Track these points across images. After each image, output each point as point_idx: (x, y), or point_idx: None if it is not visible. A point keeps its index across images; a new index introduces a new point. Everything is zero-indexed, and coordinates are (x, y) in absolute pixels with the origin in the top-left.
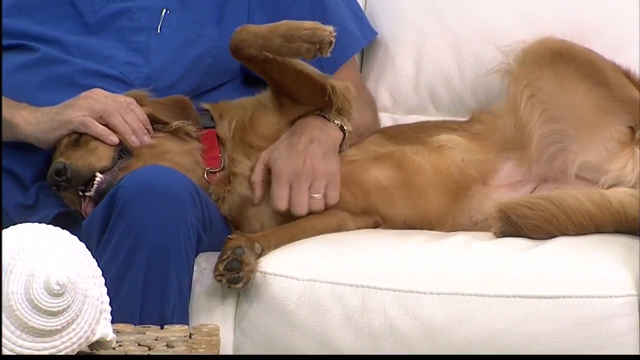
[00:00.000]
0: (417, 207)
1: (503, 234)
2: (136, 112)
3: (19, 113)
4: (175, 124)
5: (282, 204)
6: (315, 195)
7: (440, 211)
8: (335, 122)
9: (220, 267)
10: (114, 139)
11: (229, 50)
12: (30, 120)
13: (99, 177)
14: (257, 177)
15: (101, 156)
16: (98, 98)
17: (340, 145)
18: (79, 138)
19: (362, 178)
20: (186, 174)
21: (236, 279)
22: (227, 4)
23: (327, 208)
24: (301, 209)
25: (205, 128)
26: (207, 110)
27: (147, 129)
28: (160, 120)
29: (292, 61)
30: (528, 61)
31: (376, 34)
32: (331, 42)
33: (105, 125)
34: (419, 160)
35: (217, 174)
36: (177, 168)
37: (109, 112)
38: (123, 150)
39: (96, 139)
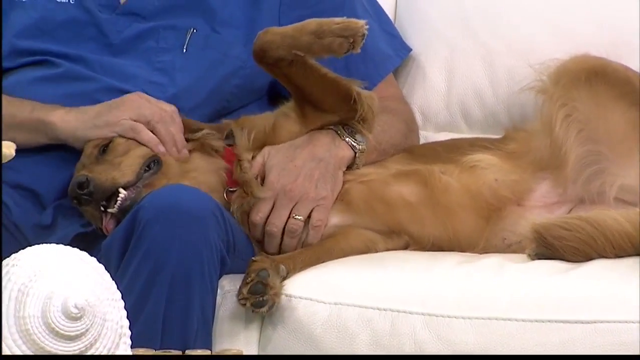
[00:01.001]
0: (446, 227)
1: (538, 256)
2: (177, 122)
3: (53, 112)
4: (203, 132)
5: (257, 217)
6: (296, 217)
7: (471, 232)
8: (346, 139)
9: (244, 291)
10: (162, 148)
11: (253, 55)
12: (67, 119)
13: (122, 193)
14: (255, 170)
15: (125, 171)
16: (144, 103)
17: (352, 165)
18: (106, 149)
19: (384, 193)
20: (210, 194)
21: (261, 303)
22: (255, 23)
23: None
24: (274, 227)
25: (230, 146)
26: (229, 128)
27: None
28: (192, 130)
29: (317, 65)
30: (563, 80)
31: (410, 50)
32: (364, 35)
33: (151, 131)
34: (446, 179)
35: (236, 192)
36: (201, 187)
37: (157, 118)
38: (150, 165)
39: (122, 151)
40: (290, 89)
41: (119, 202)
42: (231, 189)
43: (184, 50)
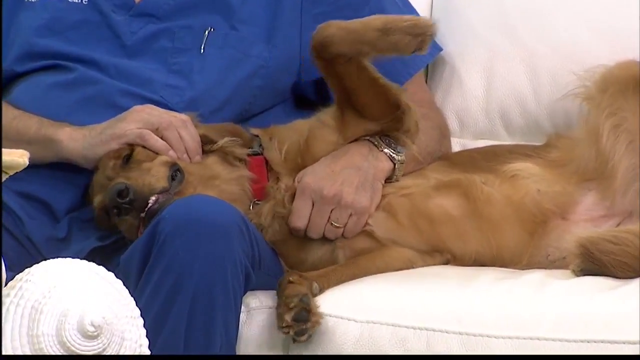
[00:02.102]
0: (490, 242)
1: (583, 271)
2: (190, 130)
3: (61, 130)
4: (224, 141)
5: (299, 221)
6: (335, 224)
7: (515, 247)
8: (385, 151)
9: (288, 318)
10: (173, 154)
11: (311, 49)
12: (75, 137)
13: (153, 196)
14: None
15: (158, 176)
16: (152, 112)
17: (391, 177)
18: (129, 158)
19: (426, 208)
20: (233, 204)
21: (303, 331)
22: (277, 20)
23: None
24: (314, 233)
25: (255, 155)
26: (256, 135)
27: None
28: (213, 140)
29: (372, 67)
30: (611, 88)
31: (441, 49)
32: (433, 34)
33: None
34: (488, 190)
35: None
36: (225, 196)
37: (166, 124)
38: (175, 170)
39: (146, 159)
40: (337, 91)
41: (149, 205)
42: (258, 202)
43: (202, 51)
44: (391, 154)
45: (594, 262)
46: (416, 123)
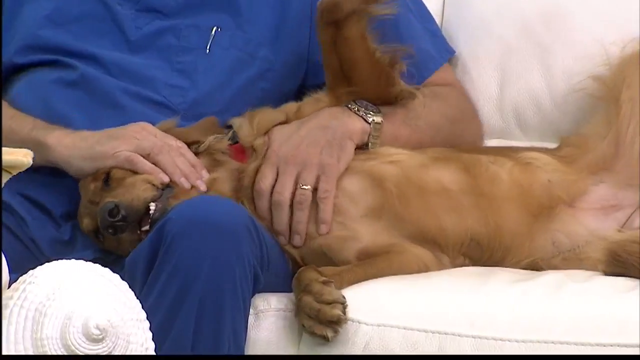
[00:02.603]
0: (488, 220)
1: (607, 274)
2: (187, 156)
3: (51, 134)
4: (210, 140)
5: (263, 184)
6: (303, 186)
7: (516, 230)
8: (359, 112)
9: (339, 312)
10: (164, 177)
11: (322, 10)
12: (65, 143)
13: (152, 205)
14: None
15: (145, 187)
16: (147, 136)
17: (367, 141)
18: (107, 179)
19: (419, 177)
20: (232, 198)
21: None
22: (285, 22)
23: (316, 201)
24: (280, 195)
25: (234, 143)
26: (230, 126)
27: (200, 174)
28: (199, 141)
29: (372, 38)
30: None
31: (454, 53)
32: None
33: (154, 164)
34: (495, 169)
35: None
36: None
37: (157, 149)
38: (162, 184)
39: (126, 176)
40: (336, 62)
41: (150, 214)
42: None
43: (207, 51)
44: (365, 114)
45: (619, 265)
46: (421, 103)
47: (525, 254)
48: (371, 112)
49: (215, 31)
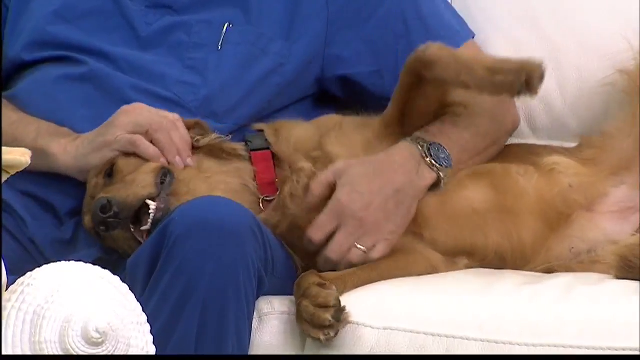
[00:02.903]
0: (512, 236)
1: (619, 279)
2: (181, 131)
3: (57, 142)
4: (210, 138)
5: (316, 235)
6: (359, 246)
7: (536, 241)
8: (432, 165)
9: (329, 316)
10: (164, 161)
11: (415, 60)
12: (69, 150)
13: (152, 205)
14: (318, 187)
15: (144, 185)
16: (141, 112)
17: (438, 188)
18: (110, 172)
19: (452, 203)
20: (232, 197)
21: (337, 332)
22: (297, 16)
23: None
24: (334, 253)
25: (260, 150)
26: (261, 130)
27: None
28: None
29: (447, 96)
30: None
31: (474, 35)
32: (542, 76)
33: (151, 142)
34: (524, 184)
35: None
36: (222, 188)
37: (156, 126)
38: (164, 175)
39: (129, 170)
40: (401, 103)
41: (151, 215)
42: (268, 198)
43: (219, 48)
44: (438, 169)
45: (630, 269)
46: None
47: (542, 261)
48: (444, 164)
49: (227, 27)
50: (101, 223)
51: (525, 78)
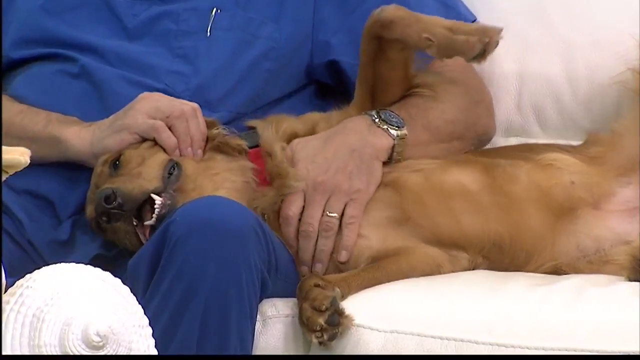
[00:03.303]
0: (509, 221)
1: (631, 280)
2: (200, 120)
3: (69, 128)
4: (218, 131)
5: (290, 210)
6: (330, 214)
7: (538, 232)
8: (383, 127)
9: (322, 321)
10: (177, 153)
11: (373, 23)
12: (83, 135)
13: (158, 200)
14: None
15: (150, 178)
16: (161, 99)
17: (391, 156)
18: (117, 163)
19: (439, 180)
20: (237, 195)
21: (334, 335)
22: None
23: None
24: (310, 226)
25: (254, 147)
26: (253, 127)
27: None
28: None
29: (412, 64)
30: None
31: (473, 20)
32: (497, 42)
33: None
34: (513, 170)
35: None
36: (227, 186)
37: (177, 113)
38: (172, 168)
39: (136, 161)
40: (370, 77)
41: (156, 210)
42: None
43: (208, 34)
44: (389, 129)
45: None
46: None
47: (548, 258)
48: (395, 126)
49: (215, 12)
50: (104, 213)
51: (487, 39)
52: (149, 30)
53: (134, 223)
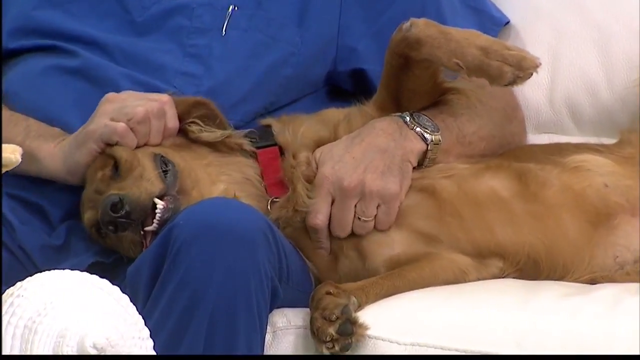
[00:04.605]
0: (546, 233)
1: None
2: (168, 114)
3: (45, 145)
4: (221, 133)
5: (317, 219)
6: (362, 218)
7: (576, 243)
8: (416, 130)
9: (332, 331)
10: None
11: (400, 40)
12: (55, 153)
13: (160, 204)
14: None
15: (152, 179)
16: (128, 98)
17: (422, 160)
18: (117, 167)
19: (472, 188)
20: (238, 188)
21: (347, 346)
22: (310, 0)
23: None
24: (341, 230)
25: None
26: (268, 126)
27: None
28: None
29: (442, 75)
30: None
31: (505, 22)
32: (531, 75)
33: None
34: (544, 175)
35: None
36: (225, 182)
37: (140, 116)
38: (163, 163)
39: (132, 159)
40: (394, 87)
41: (157, 215)
42: (277, 199)
43: (223, 33)
44: (423, 133)
45: None
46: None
47: (585, 272)
48: (429, 130)
49: (232, 10)
50: (110, 223)
51: (521, 73)
52: (160, 26)
53: (142, 232)
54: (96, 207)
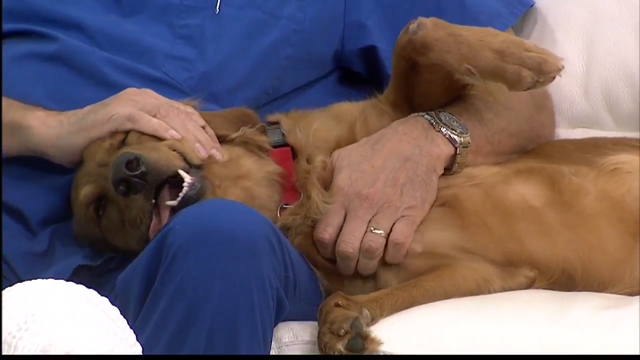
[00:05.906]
0: (583, 246)
1: None
2: (198, 121)
3: (32, 113)
4: (243, 129)
5: (326, 232)
6: (375, 230)
7: (616, 256)
8: (443, 130)
9: (341, 347)
10: (174, 133)
11: (411, 43)
12: (49, 123)
13: (188, 178)
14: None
15: (170, 155)
16: (148, 98)
17: (451, 165)
18: (126, 138)
19: (501, 197)
20: (261, 210)
21: None
22: None
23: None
24: (349, 247)
25: (278, 146)
26: (275, 122)
27: (216, 144)
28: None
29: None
30: None
31: (530, 5)
32: (553, 79)
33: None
34: (579, 181)
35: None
36: (251, 199)
37: (164, 111)
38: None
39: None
40: (401, 87)
41: (184, 189)
42: (286, 205)
43: (217, 11)
44: (451, 134)
45: None
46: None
47: (624, 285)
48: (457, 132)
49: None
50: (123, 180)
51: (542, 77)
52: (147, 5)
53: (153, 201)
54: (97, 180)
